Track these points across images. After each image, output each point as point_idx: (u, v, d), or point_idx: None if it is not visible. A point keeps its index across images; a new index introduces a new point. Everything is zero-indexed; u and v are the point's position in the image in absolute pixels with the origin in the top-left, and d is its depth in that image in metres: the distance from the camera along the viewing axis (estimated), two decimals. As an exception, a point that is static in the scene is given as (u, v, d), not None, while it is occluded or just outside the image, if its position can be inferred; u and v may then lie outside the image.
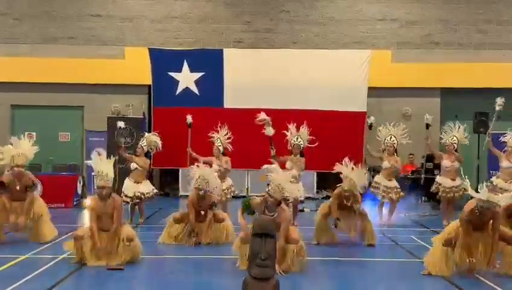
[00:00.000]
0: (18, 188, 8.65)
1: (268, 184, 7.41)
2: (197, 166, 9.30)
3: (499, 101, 11.16)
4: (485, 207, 6.70)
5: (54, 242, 8.71)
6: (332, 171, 9.23)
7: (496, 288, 6.51)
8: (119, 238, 7.44)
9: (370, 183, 11.30)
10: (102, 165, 7.68)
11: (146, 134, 11.73)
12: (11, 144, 8.88)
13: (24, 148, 8.85)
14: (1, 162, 8.88)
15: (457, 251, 6.97)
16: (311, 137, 10.97)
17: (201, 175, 8.91)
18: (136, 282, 6.92)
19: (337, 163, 9.08)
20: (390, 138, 11.14)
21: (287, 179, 7.66)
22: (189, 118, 12.22)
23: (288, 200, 8.94)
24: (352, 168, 8.88)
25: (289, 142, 10.80)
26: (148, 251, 8.18)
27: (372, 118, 11.89)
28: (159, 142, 11.27)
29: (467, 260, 6.86)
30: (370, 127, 11.74)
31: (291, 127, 10.88)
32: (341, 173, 8.96)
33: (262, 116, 10.99)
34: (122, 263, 7.28)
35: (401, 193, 11.18)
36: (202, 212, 8.94)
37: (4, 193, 8.69)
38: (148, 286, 6.80)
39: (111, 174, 7.60)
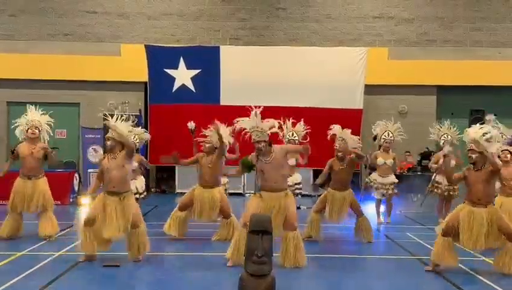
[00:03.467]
0: (32, 152, 8.74)
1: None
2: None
3: (490, 117, 11.32)
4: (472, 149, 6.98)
5: (52, 239, 8.71)
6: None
7: (492, 285, 6.54)
8: (127, 212, 7.32)
9: (367, 182, 11.32)
10: (119, 124, 7.65)
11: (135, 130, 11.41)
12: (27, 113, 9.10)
13: (38, 117, 9.09)
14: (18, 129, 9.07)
15: (462, 227, 6.96)
16: (307, 130, 10.99)
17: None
18: (133, 279, 6.92)
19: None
20: (388, 134, 11.08)
21: (258, 120, 7.45)
22: (190, 125, 10.85)
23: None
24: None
25: (284, 138, 10.80)
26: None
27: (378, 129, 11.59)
28: (148, 136, 11.21)
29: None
30: (374, 138, 11.48)
31: (288, 123, 10.87)
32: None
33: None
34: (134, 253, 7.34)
35: (395, 190, 11.10)
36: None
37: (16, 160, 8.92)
38: (145, 282, 6.79)
39: (122, 131, 7.52)
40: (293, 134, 10.78)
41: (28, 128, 8.89)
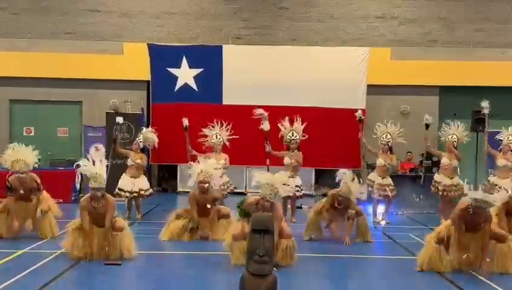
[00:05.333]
0: (22, 191, 8.69)
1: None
2: (198, 162, 9.33)
3: (484, 104, 11.33)
4: (478, 207, 6.72)
5: (52, 237, 8.71)
6: (333, 170, 9.28)
7: (494, 286, 6.53)
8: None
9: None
10: (94, 168, 7.72)
11: (144, 130, 11.74)
12: (12, 149, 8.90)
13: (24, 153, 8.85)
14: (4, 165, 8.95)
15: (451, 249, 7.00)
16: (303, 134, 11.04)
17: (204, 169, 8.97)
18: (134, 277, 6.93)
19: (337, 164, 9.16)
20: (386, 136, 11.14)
21: (274, 178, 7.59)
22: (185, 121, 11.58)
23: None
24: (353, 179, 9.00)
25: (284, 138, 10.86)
26: (146, 246, 8.19)
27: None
28: (155, 139, 11.28)
29: (463, 257, 6.91)
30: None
31: (285, 122, 10.92)
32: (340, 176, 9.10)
33: (260, 111, 10.99)
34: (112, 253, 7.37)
35: (395, 192, 11.14)
36: (208, 206, 8.91)
37: (13, 195, 8.74)
38: (145, 281, 6.78)
39: (104, 175, 7.75)
40: (293, 134, 10.81)
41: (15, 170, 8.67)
